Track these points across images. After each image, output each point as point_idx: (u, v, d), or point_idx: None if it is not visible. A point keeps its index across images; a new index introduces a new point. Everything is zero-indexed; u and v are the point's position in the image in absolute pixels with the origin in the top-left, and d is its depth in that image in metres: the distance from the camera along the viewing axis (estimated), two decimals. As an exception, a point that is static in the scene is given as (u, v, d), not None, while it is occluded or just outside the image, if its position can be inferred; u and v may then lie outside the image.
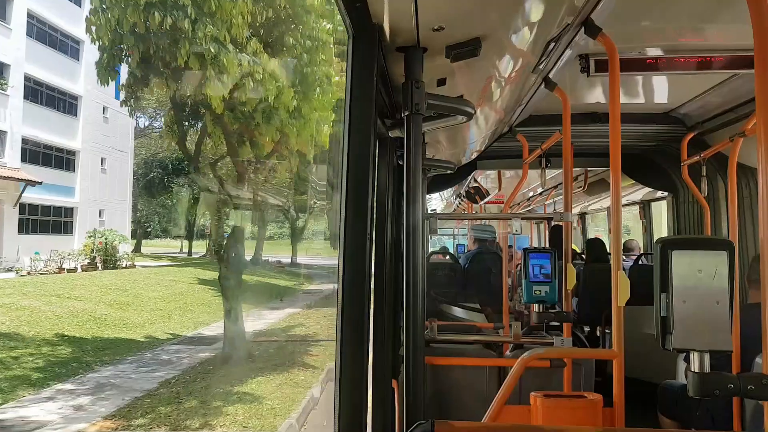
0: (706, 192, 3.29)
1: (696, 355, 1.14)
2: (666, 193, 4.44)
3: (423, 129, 1.78)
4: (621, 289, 1.77)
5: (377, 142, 2.00)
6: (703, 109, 3.17)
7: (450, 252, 8.80)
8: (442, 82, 2.04)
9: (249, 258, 30.69)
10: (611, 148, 1.85)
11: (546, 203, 7.89)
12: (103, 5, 10.58)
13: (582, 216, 8.33)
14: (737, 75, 2.50)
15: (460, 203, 8.89)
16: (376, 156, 1.65)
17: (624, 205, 6.08)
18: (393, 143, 2.43)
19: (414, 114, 1.66)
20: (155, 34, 10.48)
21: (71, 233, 26.16)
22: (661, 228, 5.94)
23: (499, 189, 6.61)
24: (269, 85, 10.92)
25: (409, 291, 1.67)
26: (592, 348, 4.13)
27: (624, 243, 6.20)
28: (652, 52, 2.27)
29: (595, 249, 5.21)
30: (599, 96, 3.06)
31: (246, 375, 10.79)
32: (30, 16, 23.35)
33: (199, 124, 13.23)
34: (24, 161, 23.05)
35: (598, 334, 4.63)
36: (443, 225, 13.72)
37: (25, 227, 23.39)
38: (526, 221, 9.05)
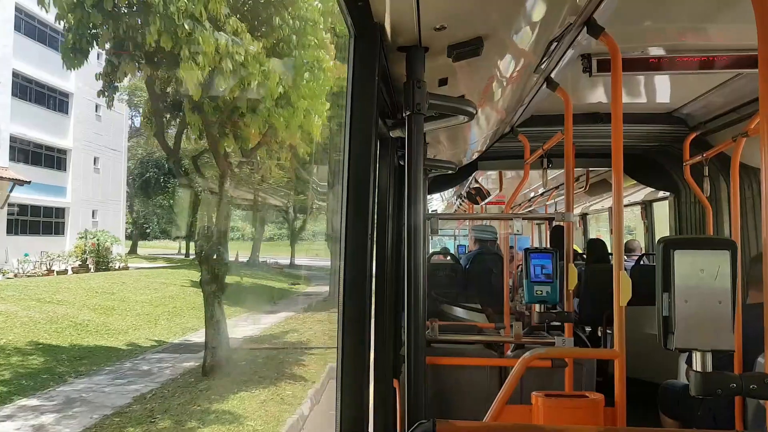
0: (708, 192, 3.28)
1: (698, 355, 1.14)
2: (668, 194, 4.43)
3: (424, 129, 1.77)
4: (623, 289, 1.77)
5: (378, 142, 2.00)
6: (706, 109, 3.16)
7: (451, 252, 8.79)
8: (443, 81, 2.04)
9: (245, 260, 30.26)
10: (613, 148, 1.85)
11: (547, 204, 7.88)
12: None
13: (583, 216, 8.33)
14: (740, 75, 2.49)
15: (461, 204, 8.89)
16: (377, 156, 1.65)
17: (626, 206, 6.08)
18: (394, 143, 2.42)
19: (415, 114, 1.66)
20: (125, 10, 9.50)
21: (63, 234, 25.37)
22: (663, 229, 5.93)
23: (500, 189, 6.60)
24: (252, 69, 9.65)
25: (410, 291, 1.67)
26: (593, 348, 4.12)
27: (625, 243, 6.19)
28: (654, 51, 2.27)
29: (597, 249, 5.21)
30: (601, 96, 3.06)
31: (228, 390, 9.96)
32: (18, 10, 22.32)
33: (179, 114, 11.97)
34: (12, 160, 22.20)
35: (599, 334, 4.63)
36: (444, 226, 13.71)
37: (14, 228, 22.60)
38: (527, 222, 9.07)
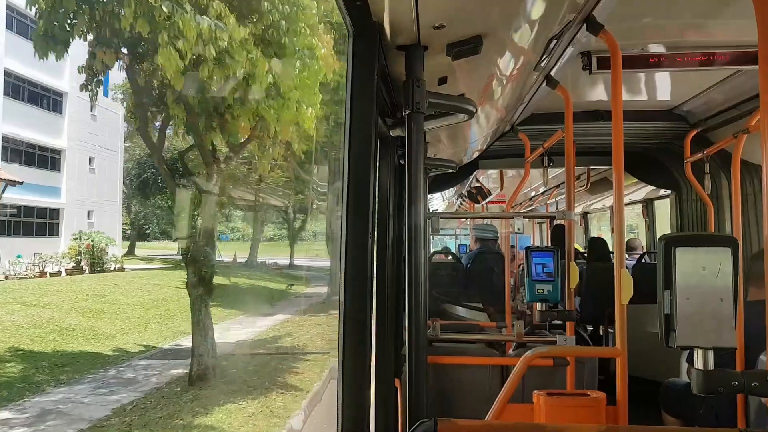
0: (709, 189, 3.27)
1: (700, 353, 1.13)
2: (669, 192, 4.42)
3: (424, 128, 1.77)
4: (624, 287, 1.76)
5: (378, 141, 2.00)
6: (707, 106, 3.15)
7: (452, 252, 8.79)
8: (443, 80, 2.04)
9: (243, 260, 30.06)
10: (614, 146, 1.85)
11: (548, 203, 7.88)
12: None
13: (584, 215, 8.32)
14: (740, 71, 2.49)
15: (461, 203, 8.89)
16: (377, 155, 1.64)
17: (627, 204, 6.07)
18: (394, 142, 2.42)
19: (415, 113, 1.65)
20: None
21: (57, 235, 24.88)
22: (665, 227, 5.92)
23: (501, 188, 6.60)
24: (239, 57, 9.04)
25: (412, 290, 1.67)
26: (595, 346, 4.11)
27: (626, 242, 6.18)
28: (654, 48, 2.26)
29: (598, 248, 5.21)
30: (601, 94, 3.05)
31: (214, 401, 9.30)
32: (9, 8, 21.82)
33: (163, 107, 11.11)
34: (5, 161, 21.67)
35: (600, 333, 4.63)
36: (445, 225, 13.70)
37: (7, 229, 22.20)
38: (528, 221, 9.06)
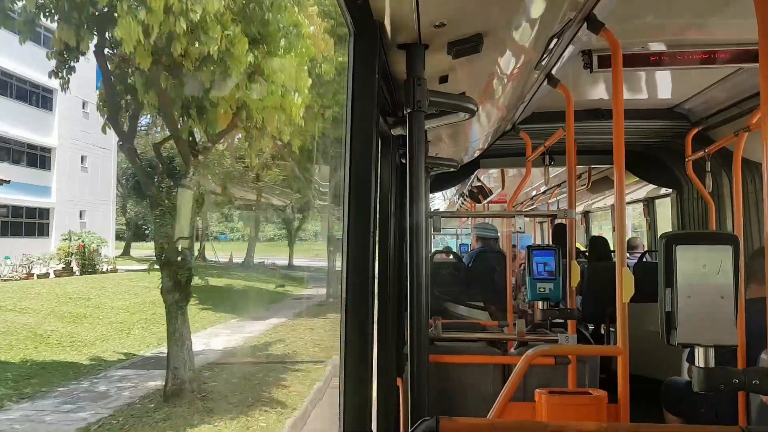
0: (710, 188, 3.27)
1: (701, 350, 1.13)
2: (670, 191, 4.42)
3: (425, 126, 1.78)
4: (625, 286, 1.76)
5: (379, 140, 2.00)
6: (707, 105, 3.15)
7: (453, 251, 8.79)
8: (444, 79, 2.04)
9: (240, 261, 29.58)
10: (615, 144, 1.85)
11: (549, 202, 7.88)
12: None
13: (585, 214, 8.31)
14: (741, 69, 2.48)
15: (462, 203, 8.88)
16: (378, 154, 1.65)
17: (628, 203, 6.06)
18: (395, 141, 2.43)
19: (416, 111, 1.66)
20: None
21: (47, 236, 24.11)
22: (666, 226, 5.91)
23: (503, 188, 6.60)
24: (213, 33, 7.92)
25: (413, 289, 1.67)
26: (596, 345, 4.11)
27: (627, 240, 6.17)
28: (655, 47, 2.26)
29: (599, 247, 5.21)
30: (602, 92, 3.05)
31: (187, 421, 8.24)
32: None
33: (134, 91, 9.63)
34: None
35: (602, 331, 4.63)
36: (446, 225, 13.69)
37: None
38: (529, 220, 9.02)
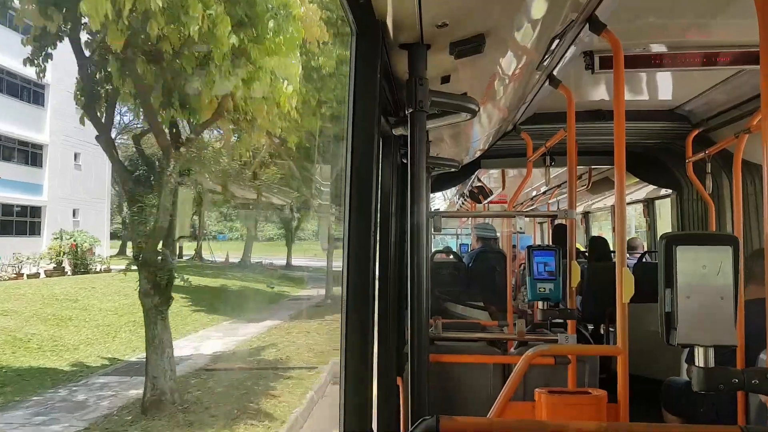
0: (710, 189, 3.27)
1: (700, 350, 1.14)
2: (670, 191, 4.42)
3: (427, 127, 1.78)
4: (625, 286, 1.77)
5: (381, 140, 2.00)
6: (708, 106, 3.16)
7: (453, 251, 8.79)
8: (445, 79, 2.05)
9: (236, 261, 28.93)
10: (616, 145, 1.85)
11: (549, 202, 7.88)
12: None
13: (585, 215, 8.31)
14: (743, 71, 2.49)
15: (463, 203, 8.89)
16: (379, 154, 1.65)
17: (628, 204, 6.06)
18: (397, 141, 2.43)
19: (418, 111, 1.66)
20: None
21: (39, 235, 23.36)
22: (665, 227, 5.91)
23: (503, 188, 6.60)
24: (194, 11, 7.27)
25: (414, 289, 1.67)
26: (596, 345, 4.12)
27: (627, 241, 6.17)
28: (656, 48, 2.27)
29: (599, 247, 5.21)
30: (603, 93, 3.06)
31: None
32: None
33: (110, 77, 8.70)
34: None
35: (601, 332, 4.63)
36: (446, 225, 13.68)
37: None
38: (529, 220, 9.02)
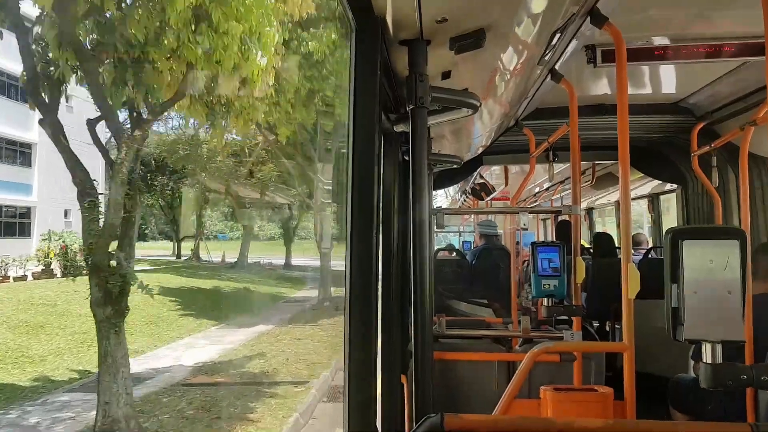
0: (716, 183, 3.25)
1: (708, 346, 1.12)
2: (674, 186, 4.40)
3: (428, 123, 1.76)
4: (631, 281, 1.75)
5: (382, 137, 1.99)
6: (713, 99, 3.13)
7: (456, 248, 8.77)
8: (446, 75, 2.03)
9: (233, 260, 28.01)
10: (619, 140, 1.83)
11: (552, 198, 7.86)
12: None
13: (589, 211, 8.28)
14: (747, 63, 2.47)
15: (465, 200, 8.87)
16: (381, 151, 1.64)
17: (632, 199, 6.02)
18: (398, 138, 2.41)
19: (418, 108, 1.64)
20: None
21: (29, 236, 22.99)
22: (670, 221, 5.89)
23: (506, 184, 6.59)
24: None
25: (417, 286, 1.66)
26: (602, 342, 4.10)
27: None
28: (659, 41, 2.25)
29: (604, 243, 5.19)
30: (606, 87, 3.04)
31: None
32: None
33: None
34: None
35: (607, 329, 4.61)
36: (448, 222, 13.61)
37: None
38: (531, 217, 9.02)
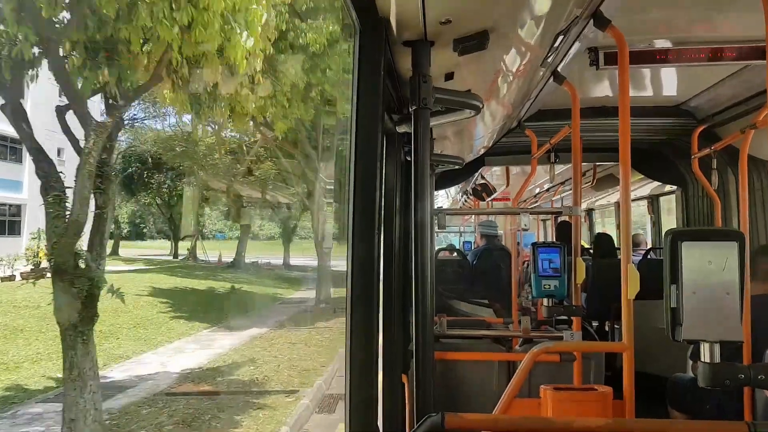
0: (716, 185, 3.26)
1: (706, 346, 1.14)
2: (674, 188, 4.41)
3: (430, 124, 1.78)
4: (631, 282, 1.76)
5: (385, 137, 2.00)
6: (714, 102, 3.14)
7: (457, 249, 8.79)
8: (449, 76, 2.04)
9: (230, 260, 27.40)
10: (621, 142, 1.84)
11: (553, 199, 7.87)
12: None
13: (589, 212, 8.29)
14: (748, 66, 2.48)
15: (466, 200, 8.87)
16: (383, 151, 1.65)
17: (632, 200, 6.03)
18: (401, 138, 2.42)
19: (421, 108, 1.65)
20: None
21: (19, 234, 22.29)
22: (670, 223, 5.89)
23: (507, 185, 6.60)
24: None
25: (418, 286, 1.67)
26: (601, 341, 4.11)
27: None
28: (661, 44, 2.26)
29: (604, 244, 5.20)
30: (608, 89, 3.05)
31: None
32: None
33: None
34: None
35: (606, 329, 4.62)
36: (449, 223, 13.58)
37: None
38: (532, 218, 9.02)
